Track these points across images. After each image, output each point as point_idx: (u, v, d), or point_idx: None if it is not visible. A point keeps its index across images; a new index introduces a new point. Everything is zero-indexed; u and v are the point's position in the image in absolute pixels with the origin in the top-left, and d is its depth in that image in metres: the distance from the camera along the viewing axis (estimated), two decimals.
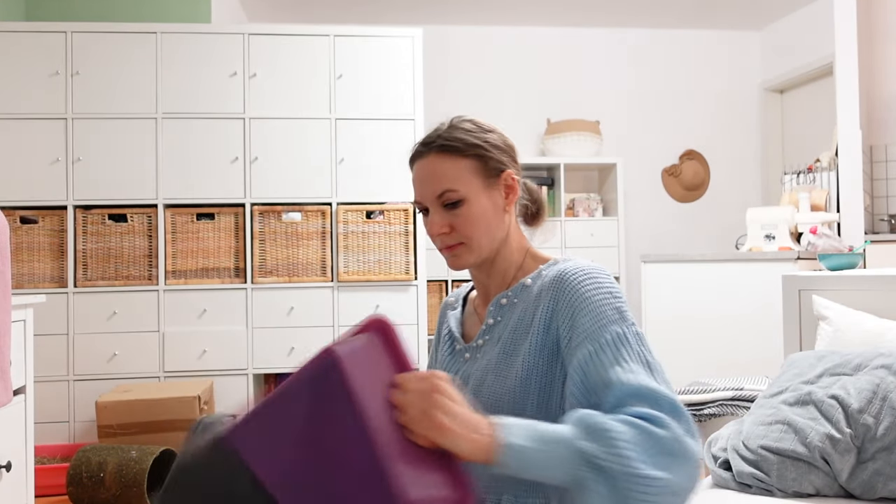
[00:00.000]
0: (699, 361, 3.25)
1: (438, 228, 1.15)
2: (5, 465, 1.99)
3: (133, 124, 3.46)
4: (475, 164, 1.15)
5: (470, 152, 1.15)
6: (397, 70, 3.62)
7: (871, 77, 4.05)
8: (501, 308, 1.17)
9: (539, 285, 1.13)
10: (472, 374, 1.15)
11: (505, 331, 1.14)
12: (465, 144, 1.15)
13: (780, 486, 1.49)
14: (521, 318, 1.12)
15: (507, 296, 1.17)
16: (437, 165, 1.15)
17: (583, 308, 1.03)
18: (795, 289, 2.20)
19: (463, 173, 1.14)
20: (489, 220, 1.15)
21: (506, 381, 1.08)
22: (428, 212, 1.18)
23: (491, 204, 1.16)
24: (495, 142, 1.18)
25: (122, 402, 3.00)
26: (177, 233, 3.48)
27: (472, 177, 1.14)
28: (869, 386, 1.51)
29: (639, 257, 3.80)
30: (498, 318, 1.17)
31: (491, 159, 1.16)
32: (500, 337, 1.15)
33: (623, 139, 5.46)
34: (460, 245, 1.15)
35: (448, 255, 1.18)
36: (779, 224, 3.40)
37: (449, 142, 1.15)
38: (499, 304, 1.18)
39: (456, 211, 1.14)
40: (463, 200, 1.14)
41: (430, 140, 1.17)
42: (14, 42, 3.40)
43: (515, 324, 1.13)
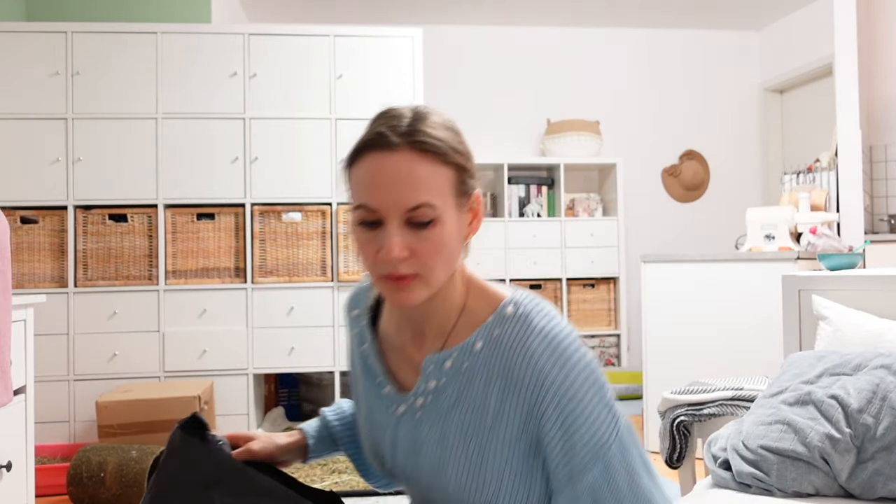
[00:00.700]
0: (699, 361, 3.25)
1: (399, 251, 0.89)
2: (6, 465, 1.99)
3: (133, 124, 3.46)
4: (454, 176, 0.92)
5: (452, 159, 0.92)
6: (397, 70, 3.62)
7: (871, 77, 4.05)
8: (444, 371, 0.96)
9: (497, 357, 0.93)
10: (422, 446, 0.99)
11: (461, 406, 0.95)
12: (449, 148, 0.92)
13: (780, 486, 1.49)
14: (482, 397, 0.93)
15: (453, 357, 0.96)
16: (414, 168, 0.89)
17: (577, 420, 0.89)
18: (795, 289, 2.21)
19: (443, 186, 0.91)
20: (453, 249, 0.93)
21: (477, 475, 0.93)
22: (375, 225, 0.90)
23: (458, 229, 0.94)
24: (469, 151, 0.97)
25: (122, 402, 3.01)
26: (177, 233, 3.48)
27: (449, 192, 0.92)
28: (868, 386, 1.51)
29: (639, 257, 3.80)
30: (441, 380, 0.97)
31: (468, 172, 0.95)
32: (449, 410, 0.96)
33: (623, 139, 5.46)
34: (416, 277, 0.91)
35: (393, 288, 0.92)
36: (778, 224, 3.40)
37: (431, 140, 0.91)
38: (441, 365, 0.97)
39: (424, 233, 0.90)
40: (435, 221, 0.90)
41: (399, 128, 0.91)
42: (14, 42, 3.40)
43: (474, 403, 0.94)
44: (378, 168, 0.89)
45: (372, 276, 0.94)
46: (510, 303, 0.95)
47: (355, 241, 0.94)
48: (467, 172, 0.95)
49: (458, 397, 0.95)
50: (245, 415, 3.46)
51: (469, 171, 0.95)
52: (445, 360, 0.96)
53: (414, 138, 0.90)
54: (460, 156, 0.94)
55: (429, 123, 0.93)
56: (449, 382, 0.96)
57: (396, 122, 0.92)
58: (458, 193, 0.93)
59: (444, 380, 0.96)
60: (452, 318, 0.98)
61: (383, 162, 0.89)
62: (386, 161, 0.89)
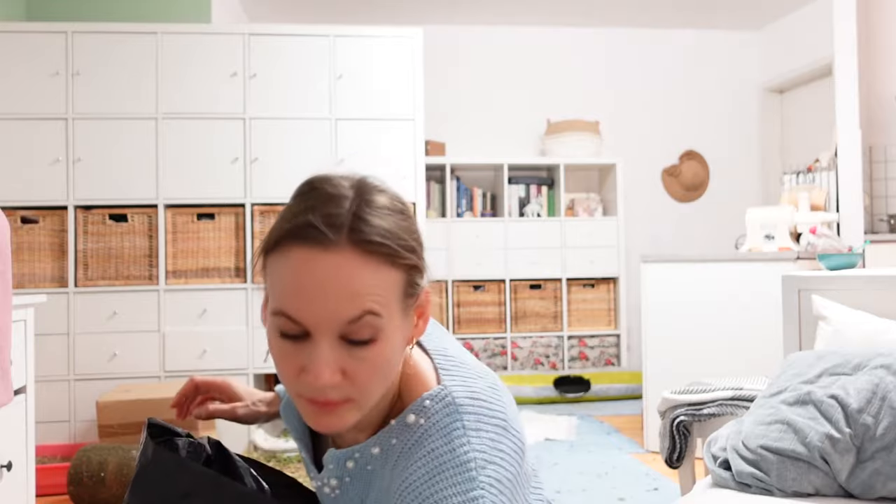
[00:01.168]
0: (699, 361, 3.25)
1: (330, 377, 0.72)
2: (6, 465, 1.99)
3: (133, 124, 3.46)
4: (403, 278, 0.76)
5: (403, 260, 0.75)
6: (397, 70, 3.62)
7: (871, 77, 4.05)
8: (347, 470, 0.86)
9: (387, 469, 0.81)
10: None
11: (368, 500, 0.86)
12: (399, 245, 0.74)
13: (780, 486, 1.49)
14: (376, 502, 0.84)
15: (355, 458, 0.85)
16: (355, 271, 0.71)
17: None
18: (795, 289, 2.21)
19: (389, 292, 0.74)
20: (394, 363, 0.78)
21: None
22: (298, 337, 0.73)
23: (401, 338, 0.78)
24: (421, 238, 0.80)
25: (122, 402, 3.01)
26: (177, 233, 3.48)
27: (395, 298, 0.75)
28: (868, 386, 1.51)
29: (639, 257, 3.80)
30: (344, 478, 0.87)
31: (418, 271, 0.78)
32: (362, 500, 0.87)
33: (623, 139, 5.47)
34: (346, 402, 0.75)
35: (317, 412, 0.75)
36: (778, 224, 3.40)
37: (379, 238, 0.73)
38: (344, 464, 0.86)
39: (361, 352, 0.73)
40: (378, 335, 0.74)
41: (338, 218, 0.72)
42: (14, 42, 3.40)
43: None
44: (307, 270, 0.71)
45: (290, 393, 0.76)
46: (418, 409, 0.80)
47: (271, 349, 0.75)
48: (418, 271, 0.78)
49: (366, 495, 0.86)
50: None
51: (419, 269, 0.78)
52: (347, 460, 0.85)
53: (358, 236, 0.72)
54: (412, 252, 0.76)
55: (374, 210, 0.74)
56: (354, 482, 0.86)
57: (334, 207, 0.72)
58: (406, 296, 0.77)
59: (349, 479, 0.86)
60: (384, 412, 0.83)
61: (315, 263, 0.71)
62: (318, 262, 0.70)
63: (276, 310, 0.73)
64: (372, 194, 0.76)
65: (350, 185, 0.76)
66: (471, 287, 4.94)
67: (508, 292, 4.94)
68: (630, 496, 2.77)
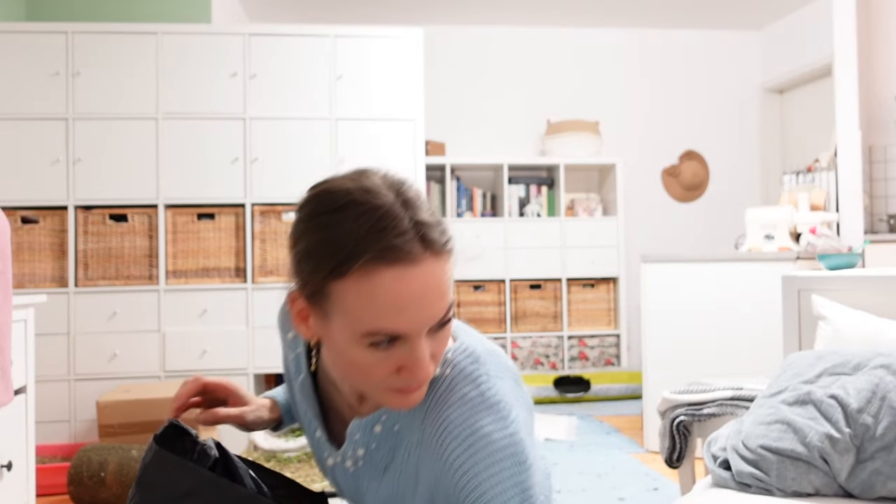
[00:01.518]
0: (699, 361, 3.25)
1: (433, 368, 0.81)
2: (6, 465, 1.99)
3: (133, 124, 3.46)
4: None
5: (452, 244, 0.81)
6: (397, 70, 3.62)
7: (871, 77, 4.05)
8: (374, 436, 0.90)
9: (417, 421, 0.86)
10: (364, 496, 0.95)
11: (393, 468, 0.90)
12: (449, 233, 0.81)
13: (780, 486, 1.49)
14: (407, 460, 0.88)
15: (382, 421, 0.89)
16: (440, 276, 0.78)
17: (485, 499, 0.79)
18: (795, 289, 2.21)
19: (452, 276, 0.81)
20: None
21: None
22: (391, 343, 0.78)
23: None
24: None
25: (122, 402, 3.01)
26: (177, 233, 3.49)
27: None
28: (868, 385, 1.51)
29: (639, 257, 3.81)
30: (371, 445, 0.91)
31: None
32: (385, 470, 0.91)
33: (623, 139, 5.47)
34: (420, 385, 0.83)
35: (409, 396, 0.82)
36: (778, 224, 3.40)
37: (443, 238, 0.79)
38: (371, 431, 0.90)
39: (440, 334, 0.81)
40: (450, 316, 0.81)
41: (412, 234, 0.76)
42: (14, 42, 3.40)
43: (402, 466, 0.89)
44: (403, 287, 0.75)
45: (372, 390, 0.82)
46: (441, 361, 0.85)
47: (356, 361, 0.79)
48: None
49: (390, 459, 0.89)
50: None
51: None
52: (374, 425, 0.89)
53: (433, 246, 0.77)
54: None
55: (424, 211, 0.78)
56: (380, 446, 0.90)
57: (397, 222, 0.75)
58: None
59: (375, 444, 0.90)
60: None
61: (408, 279, 0.75)
62: (410, 277, 0.75)
63: (371, 329, 0.75)
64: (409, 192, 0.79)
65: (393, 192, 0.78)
66: (471, 287, 4.94)
67: (508, 292, 4.94)
68: (630, 496, 2.77)
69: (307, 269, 0.78)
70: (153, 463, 0.97)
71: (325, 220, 0.78)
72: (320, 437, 0.97)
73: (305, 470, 3.12)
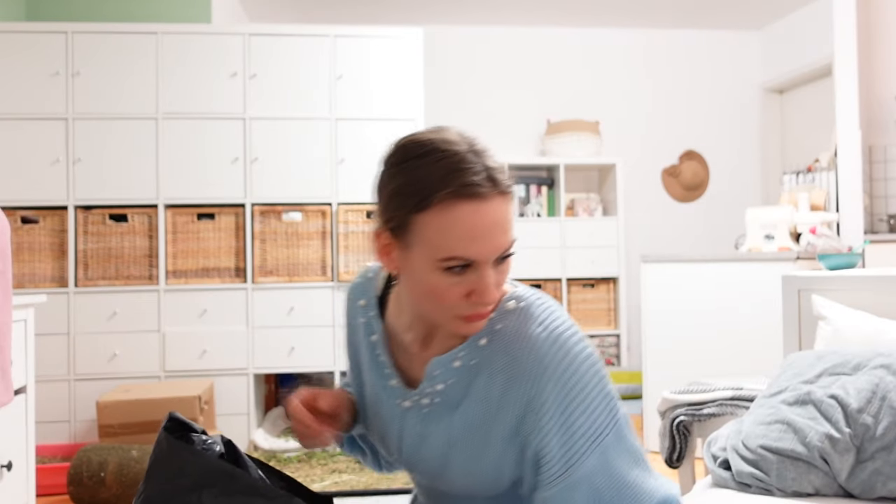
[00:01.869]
0: (699, 361, 3.25)
1: (497, 293, 0.94)
2: (6, 465, 1.99)
3: (133, 124, 3.46)
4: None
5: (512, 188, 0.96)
6: (397, 70, 3.62)
7: (871, 77, 4.05)
8: (453, 371, 0.99)
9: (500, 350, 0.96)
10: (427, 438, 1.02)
11: (467, 401, 0.98)
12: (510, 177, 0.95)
13: (780, 486, 1.49)
14: (489, 390, 0.96)
15: (461, 357, 0.98)
16: (505, 213, 0.92)
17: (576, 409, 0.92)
18: (795, 289, 2.21)
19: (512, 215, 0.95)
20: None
21: (478, 465, 0.98)
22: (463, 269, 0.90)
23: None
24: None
25: (122, 402, 3.01)
26: (177, 233, 3.49)
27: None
28: (868, 385, 1.51)
29: (639, 257, 3.81)
30: (450, 380, 0.99)
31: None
32: (459, 405, 0.99)
33: (623, 139, 5.46)
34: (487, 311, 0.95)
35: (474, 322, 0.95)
36: (778, 224, 3.40)
37: (508, 181, 0.93)
38: (450, 366, 0.99)
39: (503, 265, 0.94)
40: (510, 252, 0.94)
41: (493, 177, 0.91)
42: (14, 42, 3.40)
43: (482, 397, 0.97)
44: (474, 220, 0.88)
45: (443, 315, 0.94)
46: (511, 298, 0.98)
47: (433, 285, 0.91)
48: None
49: (465, 393, 0.98)
50: (245, 415, 3.46)
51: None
52: (454, 361, 0.99)
53: (499, 186, 0.91)
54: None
55: (491, 158, 0.93)
56: (458, 381, 0.99)
57: (467, 163, 0.90)
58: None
59: (453, 380, 0.99)
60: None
61: (478, 213, 0.88)
62: (481, 212, 0.89)
63: (448, 255, 0.89)
64: (479, 144, 0.94)
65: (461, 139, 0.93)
66: None
67: None
68: None
69: (393, 207, 0.91)
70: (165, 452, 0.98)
71: (411, 164, 0.91)
72: (395, 385, 1.05)
73: (305, 470, 3.13)
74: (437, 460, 1.01)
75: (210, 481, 0.95)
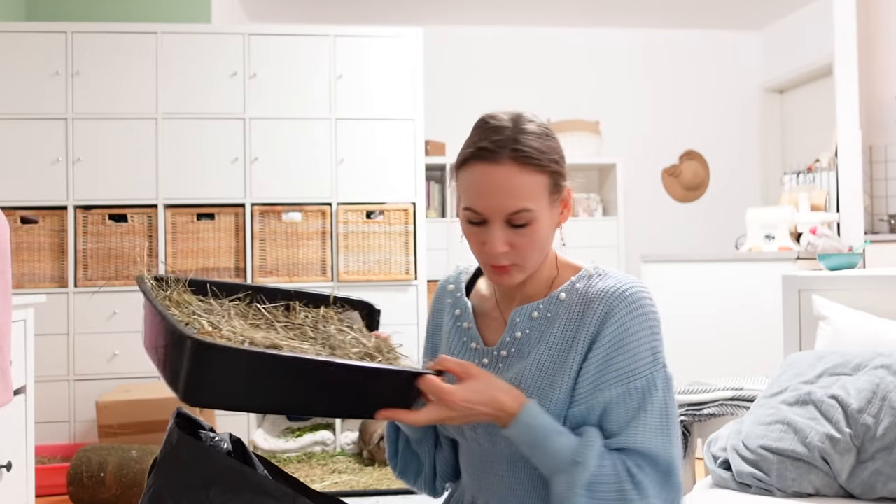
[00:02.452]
0: (699, 361, 3.25)
1: (501, 247, 1.04)
2: (6, 465, 1.99)
3: (133, 124, 3.46)
4: (548, 180, 1.05)
5: (548, 168, 1.04)
6: (397, 70, 3.62)
7: (871, 77, 4.05)
8: (532, 321, 1.10)
9: (577, 301, 1.07)
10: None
11: (539, 347, 1.08)
12: (544, 157, 1.04)
13: (780, 486, 1.49)
14: (561, 337, 1.06)
15: (539, 309, 1.10)
16: (513, 178, 1.02)
17: (623, 344, 1.02)
18: (795, 289, 2.21)
19: (539, 190, 1.03)
20: (546, 239, 1.07)
21: (546, 405, 1.04)
22: (480, 223, 1.05)
23: (551, 222, 1.08)
24: (562, 152, 1.09)
25: (122, 402, 3.01)
26: (177, 233, 3.48)
27: (543, 194, 1.04)
28: (868, 386, 1.51)
29: (639, 257, 3.80)
30: (527, 330, 1.10)
31: (561, 174, 1.07)
32: (530, 353, 1.08)
33: (623, 139, 5.46)
34: (513, 266, 1.06)
35: (496, 273, 1.08)
36: (778, 224, 3.40)
37: (530, 151, 1.02)
38: (529, 316, 1.10)
39: (523, 230, 1.03)
40: (532, 221, 1.03)
41: (502, 142, 1.02)
42: (14, 42, 3.40)
43: (554, 341, 1.07)
44: (483, 178, 1.02)
45: (480, 261, 1.09)
46: (593, 267, 1.12)
47: (464, 232, 1.08)
48: (560, 175, 1.07)
49: (538, 341, 1.08)
50: (245, 415, 3.46)
51: (562, 174, 1.07)
52: (533, 311, 1.10)
53: (515, 153, 1.02)
54: (554, 162, 1.05)
55: (526, 134, 1.03)
56: (533, 331, 1.10)
57: (498, 134, 1.03)
58: (552, 192, 1.06)
59: (529, 330, 1.10)
60: (543, 286, 1.13)
61: (487, 173, 1.02)
62: (490, 172, 1.02)
63: (466, 206, 1.05)
64: (524, 123, 1.05)
65: (509, 118, 1.06)
66: None
67: None
68: None
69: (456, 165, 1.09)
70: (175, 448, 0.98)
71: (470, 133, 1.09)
72: (476, 348, 1.15)
73: (305, 470, 3.12)
74: None
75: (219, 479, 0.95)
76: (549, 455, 0.99)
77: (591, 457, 0.97)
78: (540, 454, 1.00)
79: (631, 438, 1.00)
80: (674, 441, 1.02)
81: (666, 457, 1.00)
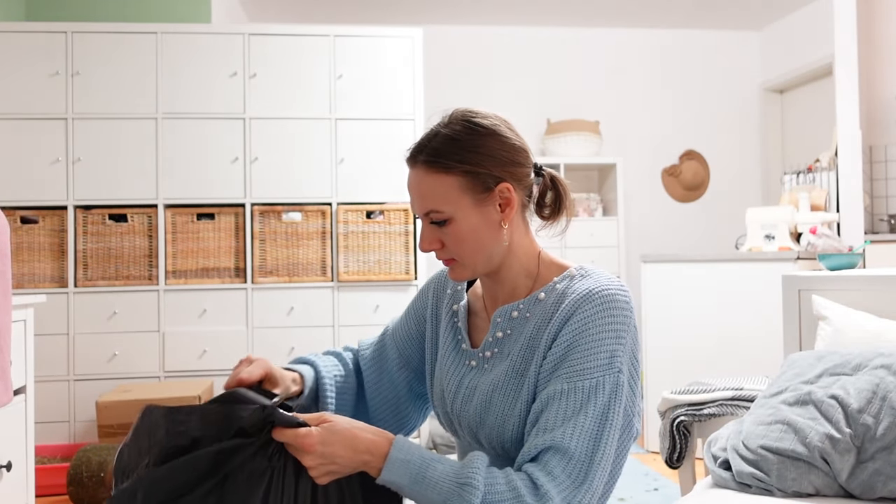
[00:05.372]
0: (699, 361, 3.25)
1: (428, 244, 1.10)
2: (6, 465, 1.99)
3: (133, 124, 3.46)
4: (463, 181, 1.06)
5: (458, 169, 1.06)
6: (397, 70, 3.62)
7: (871, 77, 4.05)
8: (511, 321, 1.11)
9: (553, 301, 1.08)
10: (478, 387, 1.11)
11: (515, 346, 1.09)
12: (452, 160, 1.06)
13: (780, 486, 1.49)
14: (533, 335, 1.07)
15: (519, 308, 1.11)
16: (422, 181, 1.08)
17: (581, 342, 1.01)
18: (795, 289, 2.21)
19: (450, 191, 1.06)
20: (480, 237, 1.08)
21: (515, 404, 1.05)
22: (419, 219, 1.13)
23: (483, 220, 1.07)
24: (491, 150, 1.08)
25: (122, 402, 3.01)
26: (177, 233, 3.48)
27: (460, 195, 1.06)
28: (868, 386, 1.51)
29: (639, 257, 3.80)
30: (507, 330, 1.12)
31: (481, 174, 1.06)
32: (509, 353, 1.10)
33: (623, 139, 5.46)
34: (453, 261, 1.11)
35: (446, 266, 1.14)
36: (778, 224, 3.40)
37: (435, 157, 1.07)
38: (509, 316, 1.12)
39: (444, 229, 1.07)
40: (449, 220, 1.06)
41: (417, 150, 1.10)
42: (14, 42, 3.40)
43: (526, 340, 1.08)
44: (408, 180, 1.12)
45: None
46: (577, 268, 1.12)
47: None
48: (479, 174, 1.06)
49: (516, 341, 1.09)
50: None
51: (481, 173, 1.06)
52: (513, 311, 1.11)
53: (421, 156, 1.08)
54: (467, 163, 1.06)
55: (443, 137, 1.09)
56: (514, 331, 1.11)
57: (420, 139, 1.11)
58: (476, 192, 1.06)
59: (510, 330, 1.11)
60: (522, 286, 1.13)
61: (410, 175, 1.11)
62: (410, 175, 1.11)
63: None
64: (452, 124, 1.11)
65: (446, 120, 1.13)
66: None
67: None
68: (630, 496, 2.77)
69: None
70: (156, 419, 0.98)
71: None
72: (465, 349, 1.17)
73: None
74: (481, 406, 1.09)
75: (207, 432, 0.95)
76: (434, 484, 0.94)
77: (477, 474, 0.93)
78: (424, 488, 0.94)
79: (559, 437, 0.97)
80: (603, 449, 0.99)
81: (588, 463, 0.97)
